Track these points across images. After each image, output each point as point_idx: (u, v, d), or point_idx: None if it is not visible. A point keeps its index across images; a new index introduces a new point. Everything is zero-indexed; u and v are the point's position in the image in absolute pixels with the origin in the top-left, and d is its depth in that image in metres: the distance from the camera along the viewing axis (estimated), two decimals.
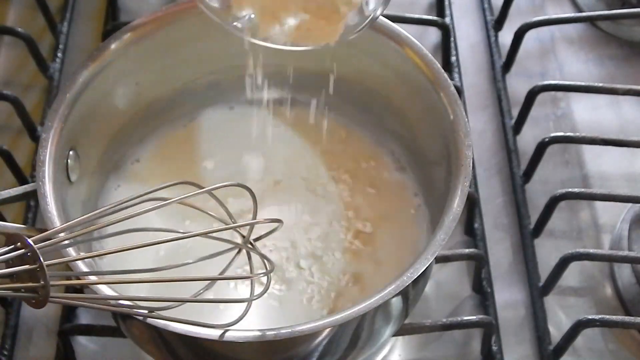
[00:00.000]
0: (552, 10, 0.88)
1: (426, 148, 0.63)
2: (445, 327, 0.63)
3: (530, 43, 0.83)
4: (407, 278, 0.48)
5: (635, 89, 0.75)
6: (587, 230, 0.73)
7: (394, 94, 0.64)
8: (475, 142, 0.75)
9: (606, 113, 0.80)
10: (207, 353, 0.52)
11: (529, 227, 0.72)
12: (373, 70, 0.64)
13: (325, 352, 0.52)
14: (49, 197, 0.52)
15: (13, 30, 0.80)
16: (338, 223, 0.64)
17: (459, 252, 0.67)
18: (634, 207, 0.71)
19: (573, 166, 0.77)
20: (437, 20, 0.83)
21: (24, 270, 0.41)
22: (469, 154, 0.54)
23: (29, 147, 0.76)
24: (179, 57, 0.65)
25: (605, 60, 0.85)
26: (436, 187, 0.61)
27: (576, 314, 0.65)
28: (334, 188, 0.66)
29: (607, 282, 0.70)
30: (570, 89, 0.78)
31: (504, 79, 0.82)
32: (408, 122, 0.64)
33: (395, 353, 0.66)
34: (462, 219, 0.71)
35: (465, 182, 0.53)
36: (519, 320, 0.68)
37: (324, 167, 0.67)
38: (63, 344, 0.64)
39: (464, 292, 0.69)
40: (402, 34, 0.60)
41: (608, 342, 0.67)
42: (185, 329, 0.47)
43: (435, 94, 0.58)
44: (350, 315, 0.47)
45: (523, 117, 0.77)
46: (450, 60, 0.82)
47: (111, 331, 0.63)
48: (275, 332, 0.47)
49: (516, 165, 0.76)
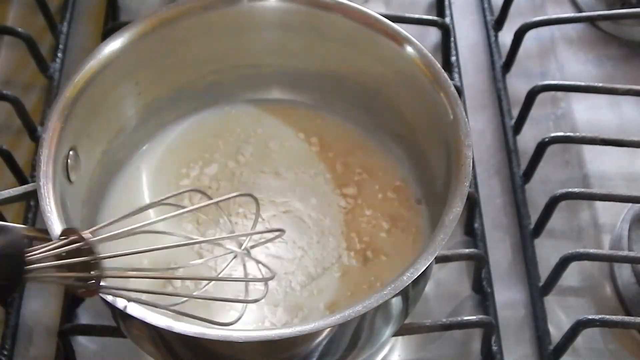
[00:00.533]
0: (552, 10, 0.88)
1: (426, 148, 0.63)
2: (445, 327, 0.63)
3: (530, 43, 0.83)
4: (407, 278, 0.48)
5: (635, 89, 0.75)
6: (587, 230, 0.73)
7: (394, 94, 0.64)
8: (475, 142, 0.74)
9: (606, 113, 0.80)
10: (207, 353, 0.52)
11: (529, 227, 0.72)
12: (373, 70, 0.64)
13: (326, 352, 0.52)
14: (48, 197, 0.52)
15: (13, 30, 0.80)
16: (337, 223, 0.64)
17: (459, 252, 0.67)
18: (634, 207, 0.71)
19: (573, 166, 0.77)
20: (437, 20, 0.83)
21: (80, 262, 0.45)
22: (469, 154, 0.54)
23: (29, 147, 0.76)
24: (179, 57, 0.65)
25: (605, 60, 0.85)
26: (436, 187, 0.61)
27: (576, 314, 0.65)
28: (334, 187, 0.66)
29: (607, 282, 0.70)
30: (570, 89, 0.78)
31: (504, 79, 0.82)
32: (408, 122, 0.64)
33: (395, 353, 0.66)
34: (462, 219, 0.71)
35: (465, 182, 0.53)
36: (519, 320, 0.68)
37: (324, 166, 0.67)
38: (63, 344, 0.64)
39: (464, 292, 0.69)
40: (402, 34, 0.60)
41: (608, 342, 0.67)
42: (185, 328, 0.47)
43: (435, 94, 0.58)
44: (350, 315, 0.47)
45: (523, 117, 0.77)
46: (450, 60, 0.82)
47: (111, 331, 0.63)
48: (275, 332, 0.47)
49: (516, 165, 0.76)
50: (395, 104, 0.65)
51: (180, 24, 0.62)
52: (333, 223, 0.64)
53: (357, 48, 0.63)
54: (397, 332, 0.58)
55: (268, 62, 0.67)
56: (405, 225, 0.64)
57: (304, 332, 0.47)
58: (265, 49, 0.66)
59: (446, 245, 0.51)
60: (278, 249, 0.62)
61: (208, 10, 0.62)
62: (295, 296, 0.60)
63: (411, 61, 0.60)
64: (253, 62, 0.67)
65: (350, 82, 0.66)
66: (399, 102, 0.64)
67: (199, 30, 0.63)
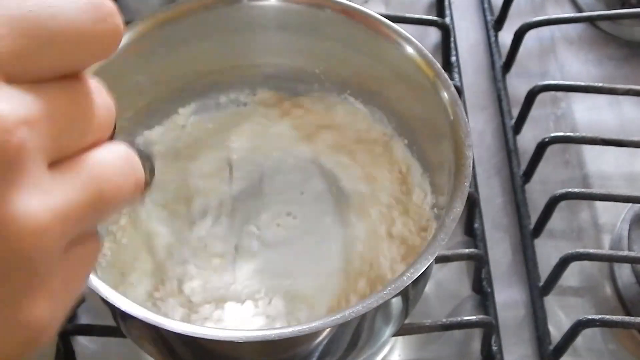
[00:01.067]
0: (552, 10, 0.88)
1: (426, 148, 0.63)
2: (445, 327, 0.63)
3: (530, 43, 0.83)
4: (407, 278, 0.48)
5: (635, 89, 0.75)
6: (587, 230, 0.73)
7: (393, 94, 0.64)
8: (475, 142, 0.75)
9: (606, 113, 0.80)
10: (207, 353, 0.52)
11: (529, 227, 0.72)
12: (373, 70, 0.64)
13: (325, 352, 0.52)
14: None
15: None
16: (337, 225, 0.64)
17: (459, 252, 0.67)
18: (634, 207, 0.71)
19: (573, 166, 0.77)
20: (437, 20, 0.83)
21: None
22: (469, 154, 0.54)
23: None
24: (179, 57, 0.64)
25: (605, 60, 0.85)
26: (436, 186, 0.61)
27: (576, 314, 0.65)
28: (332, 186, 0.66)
29: (607, 282, 0.70)
30: (570, 89, 0.78)
31: (504, 79, 0.82)
32: (408, 122, 0.64)
33: (395, 353, 0.66)
34: (462, 219, 0.71)
35: (466, 182, 0.53)
36: (519, 320, 0.68)
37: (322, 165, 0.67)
38: (63, 344, 0.64)
39: (463, 292, 0.69)
40: (402, 34, 0.60)
41: (608, 342, 0.67)
42: (185, 328, 0.47)
43: (435, 94, 0.58)
44: (350, 315, 0.47)
45: (523, 117, 0.77)
46: (450, 60, 0.82)
47: (111, 331, 0.63)
48: (275, 332, 0.47)
49: (516, 165, 0.76)
50: (395, 104, 0.65)
51: (180, 24, 0.62)
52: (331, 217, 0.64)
53: (357, 48, 0.63)
54: (397, 332, 0.58)
55: (268, 62, 0.67)
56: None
57: (304, 332, 0.47)
58: (265, 49, 0.66)
59: (446, 245, 0.51)
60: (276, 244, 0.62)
61: (208, 10, 0.62)
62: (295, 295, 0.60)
63: (411, 61, 0.60)
64: (253, 62, 0.67)
65: (350, 82, 0.66)
66: (398, 102, 0.64)
67: (199, 30, 0.63)
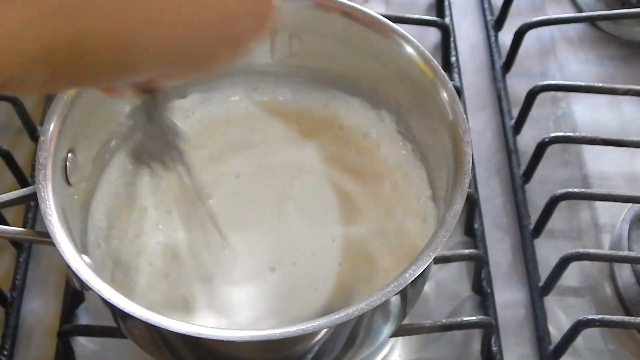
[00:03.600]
0: (552, 10, 0.88)
1: (425, 146, 0.63)
2: (445, 327, 0.63)
3: (530, 43, 0.83)
4: (409, 275, 0.48)
5: (635, 89, 0.75)
6: (587, 230, 0.73)
7: (393, 94, 0.64)
8: (475, 142, 0.75)
9: (606, 113, 0.80)
10: (207, 353, 0.52)
11: (529, 227, 0.72)
12: (373, 70, 0.64)
13: (323, 351, 0.52)
14: (48, 200, 0.51)
15: None
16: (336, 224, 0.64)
17: (459, 252, 0.67)
18: (634, 207, 0.71)
19: (573, 166, 0.77)
20: (437, 21, 0.83)
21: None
22: (469, 151, 0.54)
23: (29, 147, 0.76)
24: None
25: (605, 60, 0.85)
26: (436, 186, 0.61)
27: (576, 314, 0.65)
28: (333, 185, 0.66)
29: (607, 282, 0.70)
30: (570, 89, 0.78)
31: (504, 79, 0.82)
32: (407, 121, 0.64)
33: (395, 353, 0.66)
34: (462, 219, 0.71)
35: (465, 179, 0.53)
36: (518, 321, 0.68)
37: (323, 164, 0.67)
38: (63, 345, 0.64)
39: (463, 293, 0.69)
40: (402, 33, 0.60)
41: (608, 342, 0.67)
42: (185, 328, 0.47)
43: (434, 94, 0.58)
44: (349, 315, 0.47)
45: (523, 117, 0.77)
46: (450, 60, 0.82)
47: (111, 332, 0.63)
48: (275, 332, 0.47)
49: (516, 165, 0.76)
50: (395, 104, 0.65)
51: None
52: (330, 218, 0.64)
53: (357, 48, 0.63)
54: (397, 332, 0.58)
55: (268, 62, 0.67)
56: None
57: (304, 332, 0.47)
58: (265, 49, 0.66)
59: (446, 245, 0.51)
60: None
61: None
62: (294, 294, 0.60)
63: (411, 61, 0.60)
64: (253, 62, 0.67)
65: (350, 82, 0.66)
66: (398, 101, 0.64)
67: None
